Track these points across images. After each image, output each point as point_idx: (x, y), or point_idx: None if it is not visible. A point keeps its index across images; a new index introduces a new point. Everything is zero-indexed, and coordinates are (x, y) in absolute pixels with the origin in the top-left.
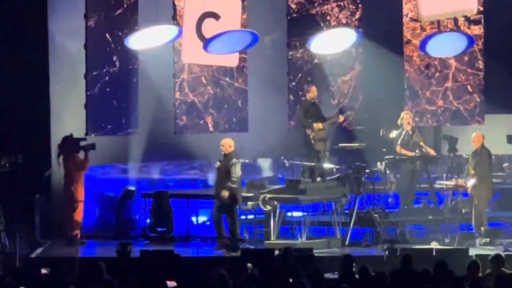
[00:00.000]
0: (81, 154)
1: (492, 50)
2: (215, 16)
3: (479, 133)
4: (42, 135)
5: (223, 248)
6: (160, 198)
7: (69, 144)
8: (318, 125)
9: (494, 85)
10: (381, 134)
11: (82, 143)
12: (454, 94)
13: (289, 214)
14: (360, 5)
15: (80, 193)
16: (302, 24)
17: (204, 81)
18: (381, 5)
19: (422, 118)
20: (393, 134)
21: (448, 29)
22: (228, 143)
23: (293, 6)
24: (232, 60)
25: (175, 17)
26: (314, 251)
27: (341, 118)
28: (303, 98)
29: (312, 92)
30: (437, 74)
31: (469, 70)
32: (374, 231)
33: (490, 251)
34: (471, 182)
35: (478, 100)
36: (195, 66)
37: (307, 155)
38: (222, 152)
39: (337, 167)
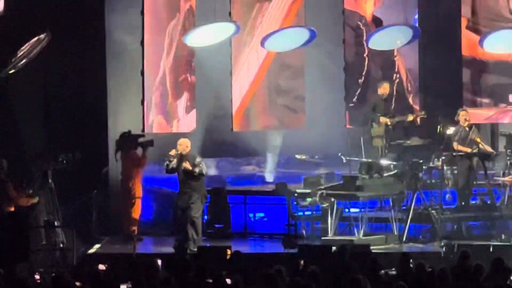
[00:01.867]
0: (139, 151)
1: None
2: None
3: None
4: (100, 132)
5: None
6: (218, 194)
7: (127, 141)
8: (386, 120)
9: None
10: (438, 131)
11: (140, 140)
12: None
13: (346, 210)
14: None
15: (138, 189)
16: None
17: None
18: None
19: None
20: (451, 130)
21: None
22: (185, 143)
23: None
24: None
25: (231, 14)
26: (371, 247)
27: (411, 117)
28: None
29: (384, 88)
30: None
31: None
32: (431, 228)
33: None
34: None
35: None
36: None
37: (365, 151)
38: (178, 153)
39: (395, 163)
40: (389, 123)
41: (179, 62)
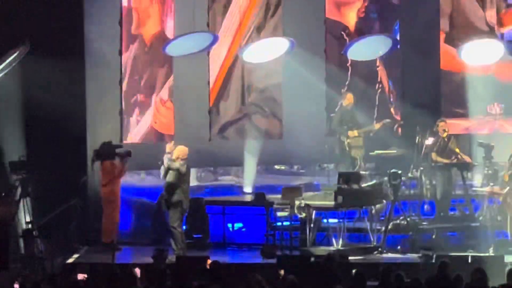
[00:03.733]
0: (118, 161)
1: None
2: None
3: None
4: (79, 141)
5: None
6: (196, 204)
7: (105, 151)
8: (353, 133)
9: None
10: (417, 141)
11: (118, 150)
12: None
13: (325, 220)
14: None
15: (117, 199)
16: None
17: None
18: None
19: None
20: (429, 141)
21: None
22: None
23: None
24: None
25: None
26: (350, 257)
27: (377, 125)
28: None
29: (348, 99)
30: None
31: None
32: (410, 238)
33: None
34: (507, 188)
35: None
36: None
37: (343, 162)
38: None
39: (373, 173)
40: (357, 135)
41: (156, 72)
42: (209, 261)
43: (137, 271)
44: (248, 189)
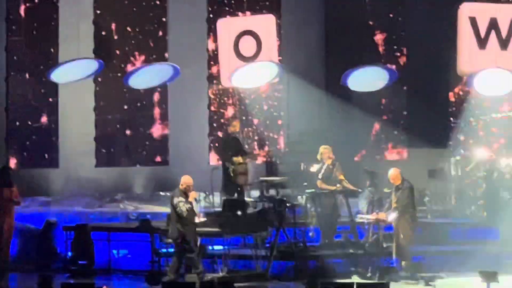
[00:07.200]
0: (14, 188)
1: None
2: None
3: (396, 171)
4: None
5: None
6: (81, 231)
7: (2, 177)
8: (238, 159)
9: (415, 120)
10: (301, 168)
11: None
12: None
13: (210, 247)
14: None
15: (11, 226)
16: None
17: None
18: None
19: None
20: (314, 168)
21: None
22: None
23: None
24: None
25: (96, 51)
26: (235, 284)
27: (262, 152)
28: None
29: (233, 126)
30: None
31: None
32: (295, 265)
33: (412, 285)
34: (392, 215)
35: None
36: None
37: (228, 189)
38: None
39: (258, 200)
40: (241, 161)
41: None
42: None
43: None
44: (133, 215)
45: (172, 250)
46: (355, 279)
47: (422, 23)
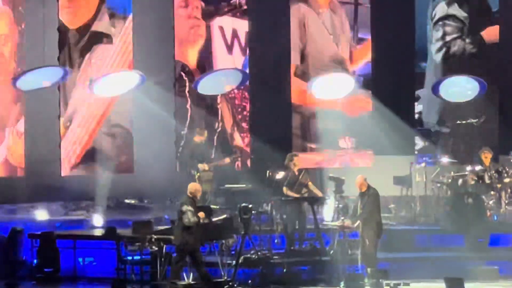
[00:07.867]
0: None
1: (379, 91)
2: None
3: (361, 178)
4: None
5: None
6: (47, 238)
7: None
8: (203, 166)
9: (382, 126)
10: (267, 175)
11: None
12: None
13: (175, 255)
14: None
15: None
16: None
17: None
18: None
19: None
20: (280, 175)
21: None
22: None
23: None
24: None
25: (60, 59)
26: None
27: (227, 160)
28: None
29: (200, 135)
30: None
31: None
32: (261, 272)
33: None
34: (357, 222)
35: None
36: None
37: None
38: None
39: (224, 207)
40: (207, 169)
41: (11, 105)
42: None
43: None
44: (98, 223)
45: (137, 258)
46: (321, 286)
47: None
